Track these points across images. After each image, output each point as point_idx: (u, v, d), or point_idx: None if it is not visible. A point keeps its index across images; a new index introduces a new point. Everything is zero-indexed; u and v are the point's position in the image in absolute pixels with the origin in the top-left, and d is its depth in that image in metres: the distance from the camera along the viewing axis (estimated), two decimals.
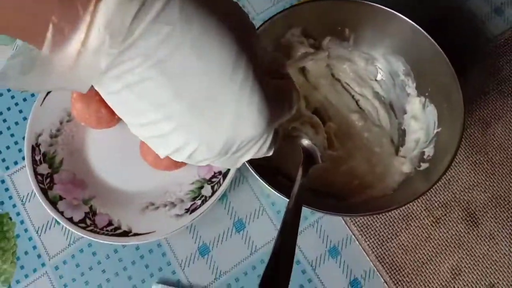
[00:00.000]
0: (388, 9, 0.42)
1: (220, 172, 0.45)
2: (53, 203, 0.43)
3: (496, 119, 0.50)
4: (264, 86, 0.24)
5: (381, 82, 0.48)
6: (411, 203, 0.44)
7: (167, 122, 0.23)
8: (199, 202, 0.44)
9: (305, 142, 0.41)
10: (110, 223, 0.43)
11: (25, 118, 0.50)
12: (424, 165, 0.42)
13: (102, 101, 0.43)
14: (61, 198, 0.44)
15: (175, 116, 0.23)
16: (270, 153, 0.29)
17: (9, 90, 0.51)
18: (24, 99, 0.51)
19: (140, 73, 0.22)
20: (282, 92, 0.27)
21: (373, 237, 0.46)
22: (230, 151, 0.25)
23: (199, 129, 0.24)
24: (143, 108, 0.23)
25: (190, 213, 0.43)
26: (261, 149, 0.27)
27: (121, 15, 0.20)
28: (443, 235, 0.46)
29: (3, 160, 0.49)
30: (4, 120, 0.50)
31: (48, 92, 0.47)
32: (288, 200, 0.37)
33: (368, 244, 0.45)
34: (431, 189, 0.40)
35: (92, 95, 0.43)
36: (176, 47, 0.21)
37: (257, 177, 0.39)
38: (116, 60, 0.21)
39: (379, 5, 0.43)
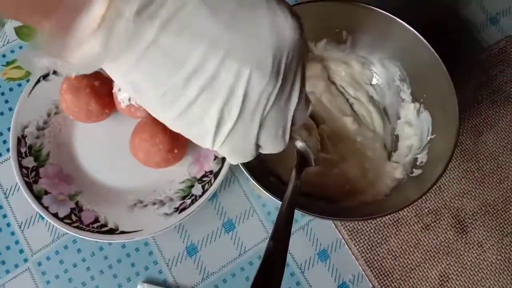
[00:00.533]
0: (387, 14, 0.42)
1: (211, 172, 0.44)
2: (38, 197, 0.42)
3: (488, 128, 0.50)
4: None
5: (376, 86, 0.48)
6: None
7: (212, 54, 0.23)
8: (188, 201, 0.43)
9: (299, 143, 0.41)
10: (96, 220, 0.42)
11: (11, 109, 0.48)
12: (416, 171, 0.42)
13: (92, 94, 0.42)
14: (46, 192, 0.43)
15: (218, 39, 0.23)
16: (308, 111, 0.29)
17: None
18: (11, 89, 0.49)
19: (173, 2, 0.22)
20: None
21: (363, 242, 0.45)
22: (281, 70, 0.25)
23: (245, 46, 0.24)
24: (184, 49, 0.23)
25: (179, 212, 0.42)
26: (302, 88, 0.27)
27: None
28: (432, 242, 0.46)
29: None
30: None
31: (36, 83, 0.45)
32: (279, 201, 0.36)
33: (357, 249, 0.45)
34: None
35: (82, 87, 0.42)
36: None
37: (249, 177, 0.38)
38: None
39: (378, 9, 0.42)
